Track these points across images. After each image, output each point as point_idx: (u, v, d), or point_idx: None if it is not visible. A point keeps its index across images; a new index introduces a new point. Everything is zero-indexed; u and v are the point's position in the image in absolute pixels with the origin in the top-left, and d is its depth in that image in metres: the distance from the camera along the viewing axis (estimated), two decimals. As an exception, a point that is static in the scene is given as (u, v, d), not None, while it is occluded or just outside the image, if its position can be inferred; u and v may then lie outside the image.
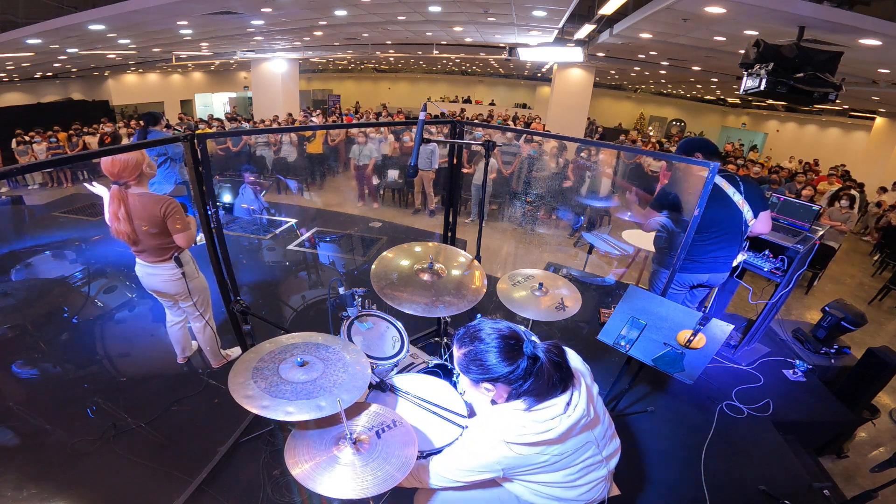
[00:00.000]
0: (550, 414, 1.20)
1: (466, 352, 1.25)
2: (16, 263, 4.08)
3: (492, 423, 1.25)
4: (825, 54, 3.97)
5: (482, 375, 1.22)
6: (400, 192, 7.92)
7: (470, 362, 1.24)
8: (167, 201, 2.29)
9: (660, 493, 2.24)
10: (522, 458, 1.22)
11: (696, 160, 2.15)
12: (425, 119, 2.09)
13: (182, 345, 2.89)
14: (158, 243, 2.34)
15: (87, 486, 2.11)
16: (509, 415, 1.22)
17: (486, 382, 1.23)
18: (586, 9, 6.97)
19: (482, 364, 1.21)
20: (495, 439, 1.23)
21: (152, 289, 2.53)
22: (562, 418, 1.21)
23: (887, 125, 12.17)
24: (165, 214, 2.27)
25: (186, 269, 2.45)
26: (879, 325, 4.96)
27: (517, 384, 1.20)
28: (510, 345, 1.20)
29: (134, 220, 2.26)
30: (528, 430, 1.19)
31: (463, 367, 1.27)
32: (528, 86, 21.89)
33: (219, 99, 19.79)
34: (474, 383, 1.27)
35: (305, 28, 9.02)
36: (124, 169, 2.21)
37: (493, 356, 1.20)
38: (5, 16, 7.19)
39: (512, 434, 1.20)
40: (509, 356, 1.19)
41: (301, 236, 5.67)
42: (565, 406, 1.21)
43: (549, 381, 1.20)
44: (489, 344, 1.21)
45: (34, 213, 6.40)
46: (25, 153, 9.30)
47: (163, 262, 2.40)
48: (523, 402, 1.22)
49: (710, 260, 2.58)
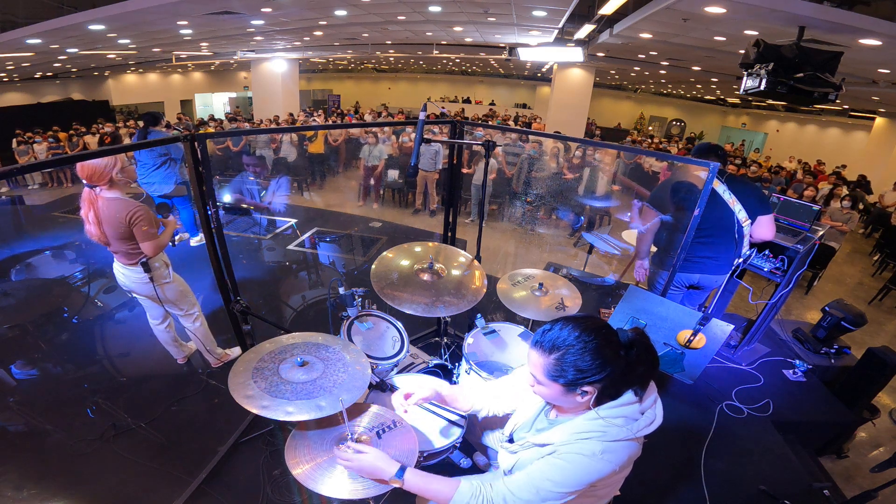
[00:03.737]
0: (651, 402, 1.14)
1: (559, 356, 1.10)
2: (16, 263, 4.08)
3: (596, 426, 1.11)
4: (825, 54, 3.96)
5: (583, 377, 1.08)
6: (400, 192, 7.92)
7: (569, 366, 1.09)
8: (134, 209, 2.26)
9: (660, 493, 2.23)
10: (636, 450, 1.14)
11: (696, 160, 2.15)
12: (425, 119, 2.10)
13: (173, 346, 2.88)
14: (127, 248, 2.34)
15: (87, 486, 2.11)
16: (622, 412, 1.11)
17: (587, 385, 1.09)
18: (586, 9, 6.97)
19: (582, 365, 1.08)
20: (611, 443, 1.10)
21: (127, 288, 2.54)
22: (655, 408, 1.15)
23: (887, 125, 12.17)
24: (131, 221, 2.26)
25: (155, 274, 2.44)
26: (879, 325, 4.96)
27: (616, 380, 1.10)
28: (607, 337, 1.10)
29: (103, 224, 2.26)
30: (642, 422, 1.11)
31: (555, 373, 1.11)
32: (528, 86, 21.90)
33: (219, 99, 19.80)
34: (568, 390, 1.11)
35: (305, 28, 9.02)
36: (93, 173, 2.21)
37: (595, 353, 1.08)
38: (5, 16, 7.19)
39: (633, 427, 1.11)
40: (610, 350, 1.09)
41: (301, 236, 5.67)
42: (656, 397, 1.17)
43: (648, 369, 1.13)
44: (587, 342, 1.08)
45: (33, 213, 6.40)
46: (26, 153, 9.29)
47: (133, 266, 2.41)
48: (633, 393, 1.13)
49: (700, 259, 2.54)
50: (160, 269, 2.49)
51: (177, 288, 2.60)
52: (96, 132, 10.47)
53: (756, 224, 2.51)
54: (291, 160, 8.48)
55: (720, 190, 2.43)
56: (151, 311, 2.72)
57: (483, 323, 2.29)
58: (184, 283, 2.67)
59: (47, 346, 3.08)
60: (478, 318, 2.29)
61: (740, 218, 2.46)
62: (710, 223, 2.43)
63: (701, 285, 2.71)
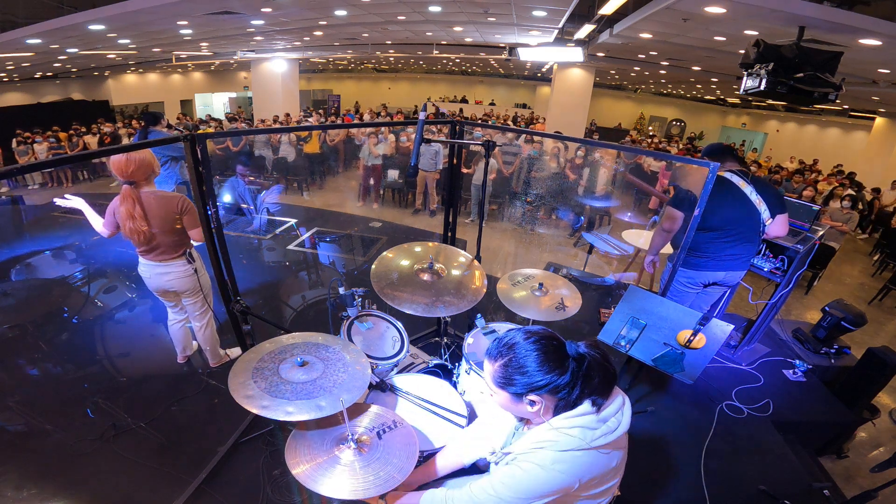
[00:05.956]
0: (613, 410, 1.12)
1: (504, 363, 1.12)
2: (16, 263, 4.08)
3: (551, 436, 1.10)
4: (825, 54, 3.97)
5: (527, 386, 1.09)
6: (400, 192, 7.92)
7: (512, 372, 1.10)
8: (182, 198, 2.34)
9: (659, 493, 2.23)
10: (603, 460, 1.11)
11: (695, 160, 2.15)
12: (425, 119, 2.10)
13: (183, 344, 2.89)
14: (173, 240, 2.38)
15: (87, 486, 2.11)
16: (577, 423, 1.09)
17: (532, 394, 1.09)
18: (586, 9, 6.96)
19: (525, 372, 1.09)
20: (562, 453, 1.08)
21: (161, 288, 2.53)
22: (618, 415, 1.13)
23: (887, 125, 12.17)
24: (182, 211, 2.32)
25: (198, 264, 2.50)
26: (879, 325, 4.96)
27: (566, 390, 1.09)
28: (553, 346, 1.10)
29: (151, 219, 2.28)
30: (600, 432, 1.09)
31: (502, 380, 1.12)
32: (528, 86, 21.90)
33: (219, 99, 19.79)
34: (516, 398, 1.12)
35: (305, 28, 9.02)
36: (139, 168, 2.24)
37: (535, 361, 1.08)
38: (5, 16, 7.19)
39: (588, 437, 1.08)
40: (554, 359, 1.09)
41: (301, 236, 5.67)
42: (623, 401, 1.15)
43: (603, 380, 1.11)
44: (529, 349, 1.10)
45: (31, 213, 6.40)
46: (26, 153, 9.30)
47: (175, 259, 2.43)
48: (591, 403, 1.10)
49: (728, 258, 2.59)
50: (199, 261, 2.53)
51: (208, 280, 2.61)
52: (96, 132, 10.47)
53: (774, 223, 2.57)
54: (291, 160, 8.49)
55: (747, 191, 2.50)
56: (174, 310, 2.73)
57: (483, 323, 2.29)
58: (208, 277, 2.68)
59: (47, 346, 3.08)
60: (478, 318, 2.29)
61: (764, 218, 2.54)
62: (739, 223, 2.51)
63: (724, 283, 2.74)
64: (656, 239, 2.82)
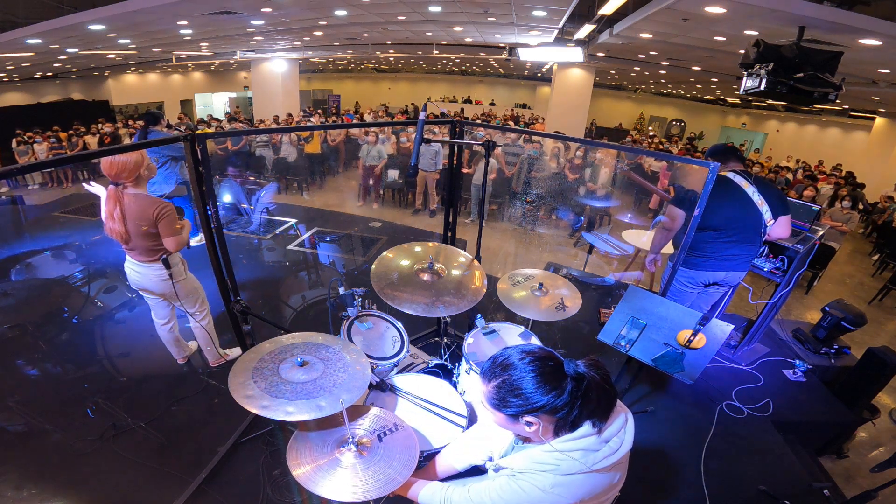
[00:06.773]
0: (615, 429, 1.10)
1: (499, 383, 1.07)
2: (16, 263, 4.08)
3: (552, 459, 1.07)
4: (825, 54, 3.97)
5: (522, 407, 1.04)
6: (400, 192, 7.92)
7: (507, 394, 1.06)
8: (161, 204, 2.32)
9: (660, 493, 2.24)
10: (605, 480, 1.09)
11: (695, 160, 2.15)
12: (425, 119, 2.10)
13: (175, 346, 2.88)
14: (149, 244, 2.37)
15: (87, 486, 2.11)
16: (579, 445, 1.06)
17: (528, 415, 1.05)
18: (586, 9, 6.96)
19: (521, 393, 1.04)
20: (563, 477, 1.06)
21: (140, 287, 2.55)
22: (621, 434, 1.10)
23: (887, 125, 12.17)
24: (158, 217, 2.30)
25: (174, 271, 2.47)
26: (879, 325, 4.96)
27: (564, 411, 1.04)
28: (549, 366, 1.05)
29: (128, 221, 2.29)
30: (602, 454, 1.06)
31: (497, 401, 1.08)
32: (528, 86, 21.90)
33: (219, 99, 19.79)
34: (512, 419, 1.08)
35: (305, 28, 9.02)
36: (122, 170, 2.24)
37: (532, 383, 1.04)
38: (5, 16, 7.19)
39: (590, 461, 1.06)
40: (551, 379, 1.04)
41: (301, 236, 5.67)
42: (625, 419, 1.12)
43: (603, 402, 1.07)
44: (524, 369, 1.05)
45: (31, 213, 6.40)
46: (26, 153, 9.29)
47: (151, 263, 2.43)
48: (591, 425, 1.07)
49: (729, 258, 2.59)
50: (178, 267, 2.52)
51: (191, 286, 2.63)
52: (96, 132, 10.47)
53: (776, 224, 2.57)
54: (292, 160, 8.49)
55: (750, 192, 2.51)
56: (158, 310, 2.72)
57: (483, 323, 2.29)
58: (197, 281, 2.69)
59: (47, 346, 3.07)
60: (478, 318, 2.29)
61: (766, 218, 2.54)
62: (740, 223, 2.52)
63: (724, 283, 2.74)
64: (658, 237, 2.82)
